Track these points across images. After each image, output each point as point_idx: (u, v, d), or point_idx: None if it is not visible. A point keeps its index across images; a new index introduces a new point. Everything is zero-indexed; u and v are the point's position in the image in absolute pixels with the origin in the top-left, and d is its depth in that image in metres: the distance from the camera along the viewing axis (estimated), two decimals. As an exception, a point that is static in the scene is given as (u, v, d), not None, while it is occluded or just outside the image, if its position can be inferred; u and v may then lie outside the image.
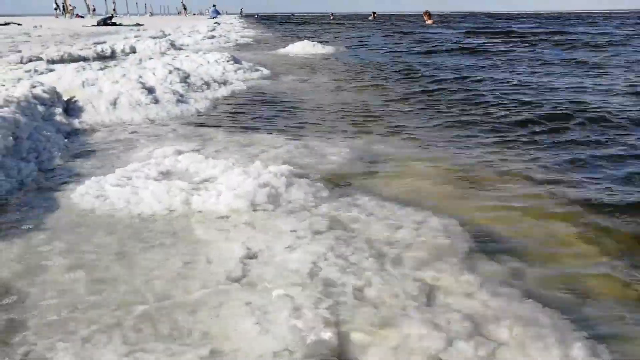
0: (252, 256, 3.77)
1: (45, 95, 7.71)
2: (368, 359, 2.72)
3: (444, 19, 72.65)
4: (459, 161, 6.40)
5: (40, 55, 15.83)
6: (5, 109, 6.21)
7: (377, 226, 4.35)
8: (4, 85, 8.04)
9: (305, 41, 25.37)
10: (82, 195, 4.83)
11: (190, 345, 2.78)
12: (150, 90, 9.24)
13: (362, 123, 8.67)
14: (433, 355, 2.69)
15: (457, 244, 4.01)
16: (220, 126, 8.36)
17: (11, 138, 5.56)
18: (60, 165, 5.96)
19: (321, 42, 26.17)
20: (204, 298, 3.25)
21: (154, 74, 10.68)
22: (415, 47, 25.02)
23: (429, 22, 54.93)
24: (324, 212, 4.62)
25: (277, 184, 4.99)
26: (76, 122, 7.80)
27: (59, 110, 7.66)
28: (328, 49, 23.94)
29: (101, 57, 18.12)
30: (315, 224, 4.31)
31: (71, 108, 8.29)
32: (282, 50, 24.43)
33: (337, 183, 5.50)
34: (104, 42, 22.99)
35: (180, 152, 6.27)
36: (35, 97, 7.43)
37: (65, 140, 6.85)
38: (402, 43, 28.01)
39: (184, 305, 3.16)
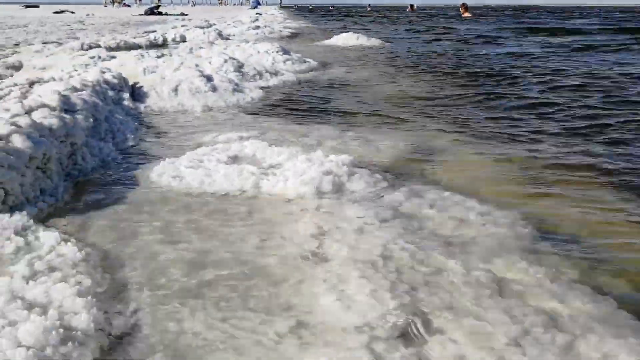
0: (324, 238, 3.97)
1: (115, 81, 8.09)
2: (444, 342, 2.84)
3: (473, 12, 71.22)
4: (519, 153, 6.47)
5: (99, 43, 16.40)
6: (83, 92, 6.57)
7: (441, 216, 4.49)
8: (76, 71, 8.46)
9: (350, 33, 25.44)
10: (159, 174, 5.14)
11: (277, 315, 3.00)
12: (209, 79, 9.55)
13: (416, 114, 8.79)
14: (511, 341, 2.80)
15: (524, 235, 4.12)
16: (275, 115, 8.60)
17: (91, 120, 5.90)
18: (133, 146, 6.30)
19: (363, 34, 26.18)
20: (284, 273, 3.46)
21: (210, 62, 11.01)
22: (459, 39, 24.85)
23: (466, 14, 54.18)
24: (387, 202, 4.80)
25: (340, 172, 5.18)
26: (142, 107, 8.15)
27: (126, 95, 8.03)
28: (372, 41, 23.96)
29: (153, 45, 18.63)
30: (380, 212, 4.48)
31: (136, 93, 8.66)
32: (326, 42, 24.58)
33: (396, 174, 5.65)
34: (155, 31, 23.60)
35: (243, 139, 6.53)
36: (106, 82, 7.80)
37: (135, 123, 7.20)
38: (445, 34, 27.83)
39: (266, 279, 3.39)
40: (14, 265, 3.34)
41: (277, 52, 14.42)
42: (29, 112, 5.15)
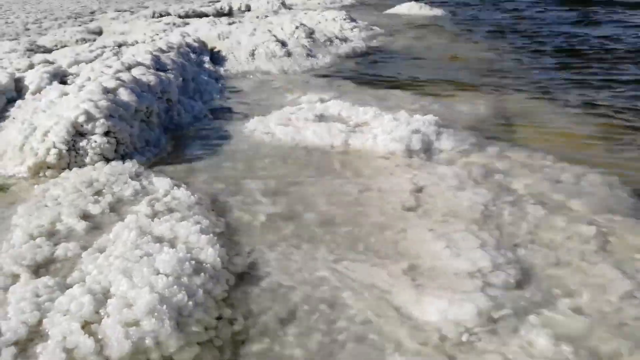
0: (420, 191, 4.04)
1: (195, 44, 8.31)
2: (558, 294, 2.86)
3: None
4: (600, 119, 6.31)
5: (168, 11, 16.75)
6: (170, 53, 6.80)
7: (535, 176, 4.47)
8: (157, 35, 8.73)
9: (412, 2, 24.93)
10: (251, 130, 5.32)
11: (387, 259, 3.11)
12: (283, 44, 9.66)
13: (491, 79, 8.64)
14: (625, 294, 2.82)
15: (621, 197, 4.07)
16: (349, 79, 8.63)
17: (181, 79, 6.12)
18: (220, 105, 6.51)
19: (427, 3, 25.60)
20: (387, 222, 3.56)
21: (282, 29, 11.09)
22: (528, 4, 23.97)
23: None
24: (477, 160, 4.81)
25: (428, 131, 5.21)
26: (221, 70, 8.35)
27: (206, 58, 8.24)
28: (435, 11, 23.42)
29: (220, 14, 18.84)
30: (473, 170, 4.51)
31: (215, 57, 8.87)
32: (389, 11, 24.18)
33: (481, 135, 5.64)
34: (220, 0, 23.81)
35: (323, 100, 6.62)
36: (188, 45, 8.03)
37: (218, 84, 7.40)
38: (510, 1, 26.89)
39: (370, 226, 3.50)
40: (136, 206, 3.57)
41: (344, 19, 14.33)
42: (128, 69, 5.38)
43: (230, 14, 19.04)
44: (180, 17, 15.64)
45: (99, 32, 11.78)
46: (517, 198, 3.98)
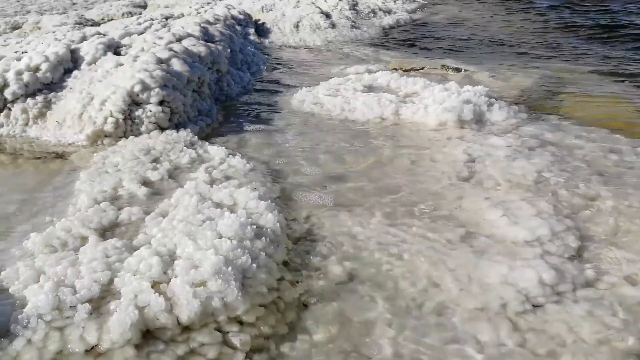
0: (474, 162, 4.00)
1: (240, 16, 8.32)
2: (617, 262, 2.83)
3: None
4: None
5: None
6: (217, 25, 6.84)
7: (589, 147, 4.38)
8: (202, 7, 8.78)
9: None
10: (300, 101, 5.33)
11: (444, 225, 3.11)
12: (327, 15, 9.59)
13: (540, 50, 8.43)
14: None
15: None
16: (396, 49, 8.55)
17: (229, 50, 6.16)
18: (266, 76, 6.54)
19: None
20: (442, 191, 3.55)
21: (325, 0, 11.00)
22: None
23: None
24: (530, 131, 4.73)
25: (479, 102, 5.13)
26: (266, 42, 8.37)
27: (252, 30, 8.26)
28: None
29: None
30: (526, 141, 4.43)
31: (259, 29, 8.88)
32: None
33: (532, 105, 5.54)
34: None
35: (371, 71, 6.57)
36: (233, 17, 8.05)
37: (264, 56, 7.43)
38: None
39: (425, 195, 3.49)
40: (193, 173, 3.65)
41: (387, -10, 14.11)
42: (179, 40, 5.44)
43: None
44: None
45: (144, 6, 11.91)
46: (572, 168, 3.91)
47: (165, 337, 2.21)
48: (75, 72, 4.95)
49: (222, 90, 5.44)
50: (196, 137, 4.29)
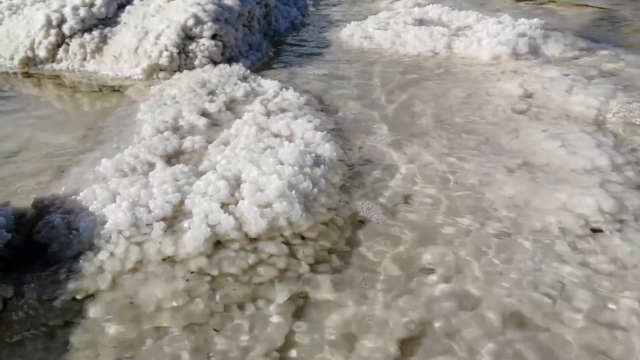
0: (530, 95, 3.95)
1: (285, -51, 8.15)
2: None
3: None
4: None
5: None
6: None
7: (651, 78, 4.26)
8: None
9: None
10: (349, 35, 5.30)
11: (501, 155, 3.12)
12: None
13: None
14: None
15: None
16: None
17: (276, -15, 6.10)
18: (313, 10, 6.48)
19: None
20: (498, 122, 3.54)
21: None
22: None
23: None
24: (588, 62, 4.61)
25: (534, 34, 5.00)
26: (311, -23, 8.22)
27: (296, -36, 8.10)
28: None
29: None
30: (585, 72, 4.33)
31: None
32: None
33: (588, 37, 5.37)
34: None
35: (420, 5, 6.43)
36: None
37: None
38: None
39: (481, 126, 3.49)
40: (249, 105, 3.72)
41: None
42: (227, -26, 5.40)
43: None
44: None
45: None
46: (634, 99, 3.82)
47: (235, 247, 2.33)
48: (128, 7, 5.01)
49: (271, 25, 5.43)
50: (248, 70, 4.33)
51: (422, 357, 1.82)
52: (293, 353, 1.86)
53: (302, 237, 2.42)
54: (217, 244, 2.38)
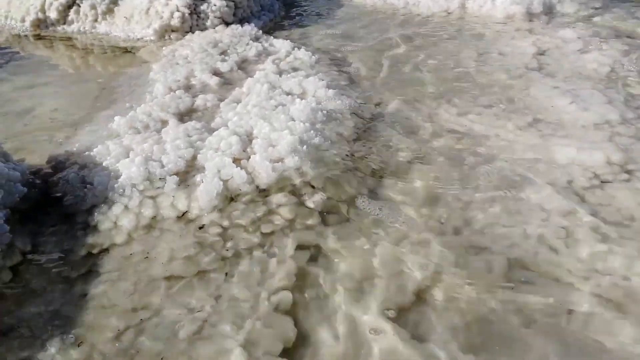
0: (543, 54, 3.91)
1: None
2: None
3: None
4: None
5: None
6: None
7: (666, 37, 4.19)
8: None
9: None
10: (361, -5, 5.26)
11: (513, 113, 3.11)
12: None
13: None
14: None
15: None
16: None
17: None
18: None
19: None
20: (510, 81, 3.52)
21: None
22: None
23: None
24: (603, 22, 4.54)
25: (549, -6, 4.92)
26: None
27: None
28: None
29: None
30: (599, 32, 4.27)
31: None
32: None
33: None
34: None
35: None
36: None
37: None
38: None
39: (493, 85, 3.48)
40: (261, 64, 3.72)
41: None
42: None
43: None
44: None
45: None
46: (648, 59, 3.77)
47: (246, 199, 2.38)
48: (138, -32, 4.98)
49: (282, -15, 5.38)
50: (260, 31, 4.32)
51: (432, 306, 1.86)
52: (302, 297, 1.91)
53: (312, 187, 2.45)
54: (229, 198, 2.43)
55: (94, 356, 1.73)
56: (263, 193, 2.42)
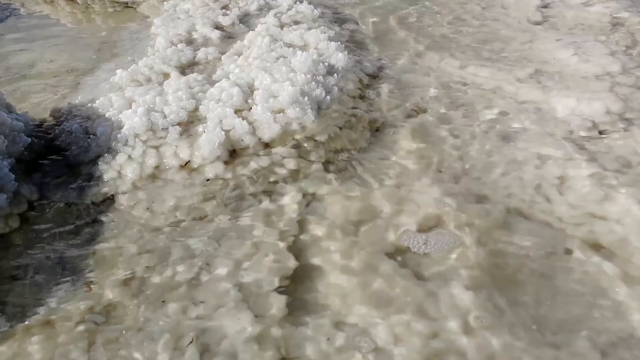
0: (546, 7, 3.88)
1: None
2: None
3: None
4: None
5: None
6: None
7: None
8: None
9: None
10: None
11: (514, 65, 3.11)
12: None
13: None
14: None
15: None
16: None
17: None
18: None
19: None
20: (513, 34, 3.50)
21: None
22: None
23: None
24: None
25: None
26: None
27: None
28: None
29: None
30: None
31: None
32: None
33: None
34: None
35: None
36: None
37: None
38: None
39: (495, 37, 3.46)
40: (263, 18, 3.70)
41: None
42: None
43: None
44: None
45: None
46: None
47: (249, 151, 2.41)
48: None
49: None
50: (261, -15, 4.27)
51: (432, 246, 1.91)
52: (304, 237, 1.96)
53: (315, 141, 2.48)
54: (232, 152, 2.46)
55: (103, 300, 1.79)
56: (266, 146, 2.45)
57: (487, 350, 1.56)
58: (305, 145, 2.42)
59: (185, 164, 2.41)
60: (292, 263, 1.85)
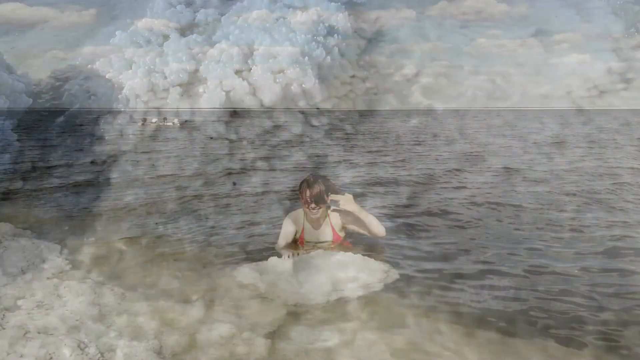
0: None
1: None
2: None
3: None
4: None
5: None
6: None
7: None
8: None
9: None
10: None
11: (516, 24, 3.17)
12: None
13: None
14: None
15: None
16: None
17: None
18: None
19: None
20: (514, -5, 3.46)
21: None
22: None
23: None
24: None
25: None
26: None
27: None
28: None
29: None
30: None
31: None
32: None
33: None
34: None
35: None
36: None
37: None
38: None
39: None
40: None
41: None
42: None
43: None
44: None
45: None
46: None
47: (252, 114, 2.42)
48: None
49: None
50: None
51: (426, 203, 1.94)
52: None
53: (317, 108, 2.48)
54: (233, 113, 2.46)
55: (112, 253, 1.81)
56: (267, 110, 2.45)
57: None
58: (308, 113, 2.44)
59: (185, 121, 2.42)
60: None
